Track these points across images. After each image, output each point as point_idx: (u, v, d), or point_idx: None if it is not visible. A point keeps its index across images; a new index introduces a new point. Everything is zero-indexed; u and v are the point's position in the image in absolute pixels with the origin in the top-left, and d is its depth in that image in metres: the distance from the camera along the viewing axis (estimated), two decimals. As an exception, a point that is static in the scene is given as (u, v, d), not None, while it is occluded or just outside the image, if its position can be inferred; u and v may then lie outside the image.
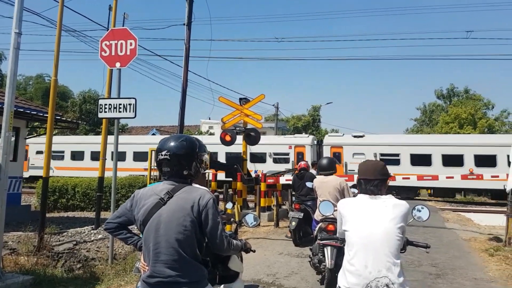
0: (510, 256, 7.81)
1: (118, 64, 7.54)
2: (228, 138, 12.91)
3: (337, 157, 22.91)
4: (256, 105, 14.55)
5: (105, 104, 7.46)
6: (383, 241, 2.60)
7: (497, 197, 22.44)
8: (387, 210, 2.69)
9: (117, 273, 6.71)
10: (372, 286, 2.53)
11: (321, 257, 5.52)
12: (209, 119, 41.61)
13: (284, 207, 13.72)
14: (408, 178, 15.45)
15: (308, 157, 23.42)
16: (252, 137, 13.39)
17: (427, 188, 23.32)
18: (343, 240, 2.88)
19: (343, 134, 26.17)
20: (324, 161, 6.84)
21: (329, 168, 6.74)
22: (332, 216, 5.17)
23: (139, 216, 2.46)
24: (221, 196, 12.01)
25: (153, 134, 41.66)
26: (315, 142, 25.62)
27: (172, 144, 2.51)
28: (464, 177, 14.05)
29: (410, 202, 3.15)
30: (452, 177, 14.70)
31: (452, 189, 22.60)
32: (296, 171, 11.05)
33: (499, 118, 43.52)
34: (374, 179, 2.82)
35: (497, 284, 6.31)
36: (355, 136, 24.28)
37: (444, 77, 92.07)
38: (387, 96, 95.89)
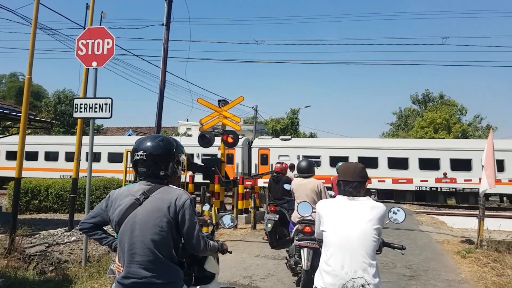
0: (481, 258, 7.96)
1: (94, 64, 7.44)
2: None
3: (264, 159, 25.12)
4: (235, 107, 14.48)
5: (81, 104, 7.34)
6: (359, 242, 2.63)
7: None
8: (365, 211, 2.72)
9: (91, 275, 6.59)
10: (348, 286, 2.55)
11: (298, 258, 5.55)
12: (187, 120, 41.44)
13: (261, 209, 13.75)
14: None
15: (239, 159, 24.95)
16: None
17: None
18: (320, 241, 2.90)
19: (272, 138, 28.16)
20: (303, 164, 6.87)
21: (308, 170, 6.77)
22: (309, 217, 5.21)
23: (114, 216, 2.43)
24: (198, 199, 11.95)
25: (130, 135, 41.19)
26: (247, 143, 26.65)
27: (148, 144, 2.48)
28: (438, 180, 14.30)
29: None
30: (427, 180, 14.93)
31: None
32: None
33: (472, 123, 44.63)
34: (353, 181, 2.85)
35: (469, 286, 6.44)
36: (282, 139, 26.18)
37: (420, 82, 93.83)
38: (364, 100, 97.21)
